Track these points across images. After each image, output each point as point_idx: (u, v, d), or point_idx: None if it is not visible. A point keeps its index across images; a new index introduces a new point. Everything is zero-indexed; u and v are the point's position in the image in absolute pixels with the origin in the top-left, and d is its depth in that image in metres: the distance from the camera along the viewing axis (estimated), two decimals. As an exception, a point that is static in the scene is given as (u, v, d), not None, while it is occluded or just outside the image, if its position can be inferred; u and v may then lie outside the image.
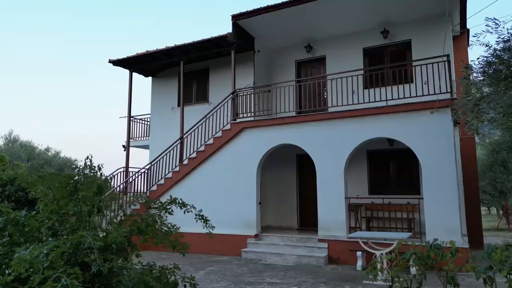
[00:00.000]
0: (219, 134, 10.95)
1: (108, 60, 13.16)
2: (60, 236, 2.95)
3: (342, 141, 9.24)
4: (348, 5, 10.43)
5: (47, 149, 25.66)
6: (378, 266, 4.10)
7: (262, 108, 10.82)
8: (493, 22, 4.79)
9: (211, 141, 11.05)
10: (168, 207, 3.58)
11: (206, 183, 10.82)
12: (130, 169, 12.73)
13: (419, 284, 3.71)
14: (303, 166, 12.03)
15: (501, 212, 23.52)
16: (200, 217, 3.77)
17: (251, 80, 11.90)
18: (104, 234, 3.06)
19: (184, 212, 3.69)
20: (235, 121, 10.82)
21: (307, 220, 11.70)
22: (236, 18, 11.03)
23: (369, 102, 9.34)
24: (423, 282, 3.82)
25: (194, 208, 3.74)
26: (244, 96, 11.06)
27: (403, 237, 7.04)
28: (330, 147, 9.35)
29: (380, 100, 9.30)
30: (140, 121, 14.82)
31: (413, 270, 7.53)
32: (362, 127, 9.09)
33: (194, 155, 11.26)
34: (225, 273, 7.83)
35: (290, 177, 12.19)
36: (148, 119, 15.00)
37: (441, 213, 7.93)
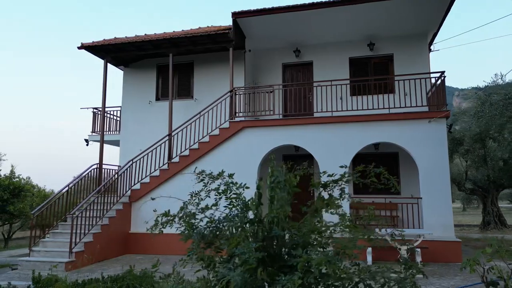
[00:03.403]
0: (216, 132, 10.68)
1: (79, 44, 11.83)
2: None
3: (345, 144, 9.78)
4: (339, 18, 11.06)
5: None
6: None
7: (262, 108, 10.85)
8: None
9: (206, 139, 10.71)
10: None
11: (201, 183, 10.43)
12: (104, 166, 11.62)
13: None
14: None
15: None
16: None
17: (241, 79, 11.82)
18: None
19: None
20: (233, 120, 10.66)
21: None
22: (236, 15, 10.88)
23: (369, 109, 10.07)
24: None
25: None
26: (243, 95, 10.97)
27: (423, 233, 7.82)
28: (334, 149, 9.82)
29: (373, 108, 10.09)
30: (107, 114, 13.57)
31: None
32: (365, 132, 9.75)
33: (186, 152, 10.79)
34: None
35: (275, 177, 12.38)
36: (114, 112, 13.88)
37: (437, 212, 8.94)
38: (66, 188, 10.16)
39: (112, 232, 9.98)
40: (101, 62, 12.32)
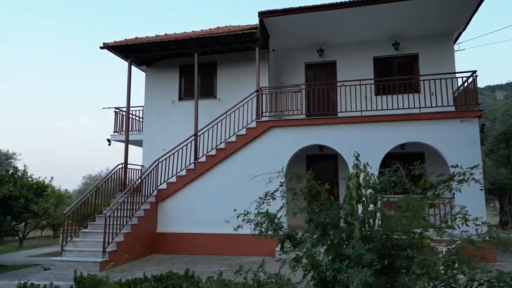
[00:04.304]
0: (243, 132, 10.66)
1: (102, 44, 11.82)
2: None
3: (374, 144, 9.73)
4: (364, 17, 11.00)
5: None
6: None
7: (289, 108, 10.82)
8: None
9: (233, 138, 10.69)
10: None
11: (228, 182, 10.44)
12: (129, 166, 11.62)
13: None
14: (312, 166, 12.33)
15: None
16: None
17: (265, 79, 11.78)
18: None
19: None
20: (260, 119, 10.64)
21: (317, 219, 12.03)
22: (263, 15, 10.85)
23: (399, 108, 10.02)
24: None
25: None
26: (269, 94, 10.95)
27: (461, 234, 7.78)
28: (364, 149, 9.72)
29: (403, 108, 10.04)
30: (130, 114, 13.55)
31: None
32: (394, 131, 9.70)
33: (213, 152, 10.77)
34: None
35: (299, 177, 12.36)
36: (136, 112, 13.90)
37: (470, 212, 8.86)
38: (95, 189, 10.17)
39: (141, 232, 9.98)
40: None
